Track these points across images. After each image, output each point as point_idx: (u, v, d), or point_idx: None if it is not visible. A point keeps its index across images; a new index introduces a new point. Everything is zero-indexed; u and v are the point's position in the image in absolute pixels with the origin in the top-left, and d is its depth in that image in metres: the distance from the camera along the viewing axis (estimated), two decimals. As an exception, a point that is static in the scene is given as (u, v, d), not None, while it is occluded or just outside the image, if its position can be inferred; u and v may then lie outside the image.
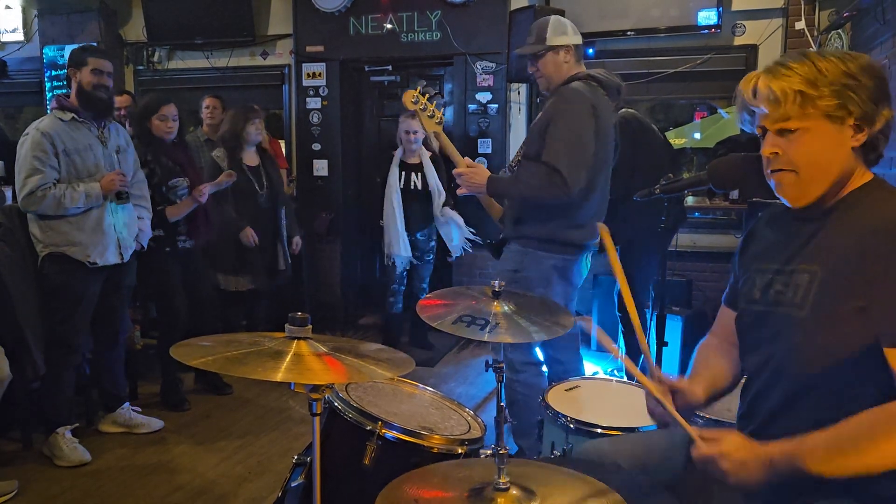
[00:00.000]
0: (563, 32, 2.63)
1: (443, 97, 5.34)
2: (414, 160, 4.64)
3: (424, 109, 2.74)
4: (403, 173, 4.61)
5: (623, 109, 3.86)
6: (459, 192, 2.75)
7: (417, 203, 4.62)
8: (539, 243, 2.64)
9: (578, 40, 2.67)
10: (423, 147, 4.65)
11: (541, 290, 2.57)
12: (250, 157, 4.23)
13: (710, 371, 1.53)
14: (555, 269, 2.65)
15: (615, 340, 4.32)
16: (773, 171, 1.31)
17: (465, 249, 4.70)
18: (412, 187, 4.61)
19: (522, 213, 2.67)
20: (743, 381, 1.49)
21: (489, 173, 2.68)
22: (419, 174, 4.63)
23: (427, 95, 2.76)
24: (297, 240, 4.55)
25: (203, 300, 3.85)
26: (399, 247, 4.55)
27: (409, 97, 2.73)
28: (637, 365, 1.57)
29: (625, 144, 3.81)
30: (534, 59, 2.67)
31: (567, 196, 2.48)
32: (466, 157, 2.77)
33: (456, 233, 4.65)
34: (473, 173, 2.68)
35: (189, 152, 3.94)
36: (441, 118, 2.77)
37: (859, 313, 1.19)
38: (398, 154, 4.64)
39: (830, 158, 1.26)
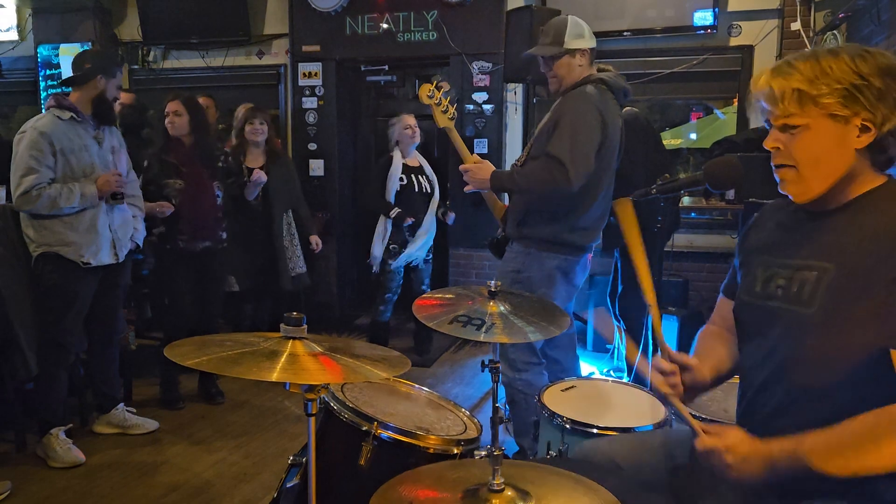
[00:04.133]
0: (580, 35, 2.62)
1: (456, 95, 5.21)
2: (413, 162, 4.51)
3: (439, 104, 2.74)
4: (412, 176, 4.45)
5: (626, 108, 3.85)
6: (466, 188, 2.75)
7: (424, 206, 4.48)
8: (542, 244, 2.65)
9: (594, 43, 2.66)
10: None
11: (543, 290, 2.58)
12: (254, 159, 4.21)
13: (714, 354, 1.52)
14: (558, 269, 2.66)
15: (612, 342, 4.32)
16: (776, 168, 1.31)
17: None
18: (423, 190, 4.46)
19: (526, 214, 2.67)
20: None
21: (493, 168, 2.68)
22: (423, 176, 4.50)
23: (442, 90, 2.76)
24: (314, 238, 4.46)
25: (214, 302, 3.83)
26: (379, 250, 4.42)
27: (425, 91, 2.73)
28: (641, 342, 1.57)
29: (628, 144, 3.80)
30: (549, 61, 2.66)
31: (568, 188, 2.46)
32: (474, 154, 2.78)
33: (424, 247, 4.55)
34: (478, 169, 2.68)
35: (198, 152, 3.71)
36: (454, 114, 2.77)
37: (874, 318, 1.17)
38: (398, 157, 4.45)
39: (831, 157, 1.24)
